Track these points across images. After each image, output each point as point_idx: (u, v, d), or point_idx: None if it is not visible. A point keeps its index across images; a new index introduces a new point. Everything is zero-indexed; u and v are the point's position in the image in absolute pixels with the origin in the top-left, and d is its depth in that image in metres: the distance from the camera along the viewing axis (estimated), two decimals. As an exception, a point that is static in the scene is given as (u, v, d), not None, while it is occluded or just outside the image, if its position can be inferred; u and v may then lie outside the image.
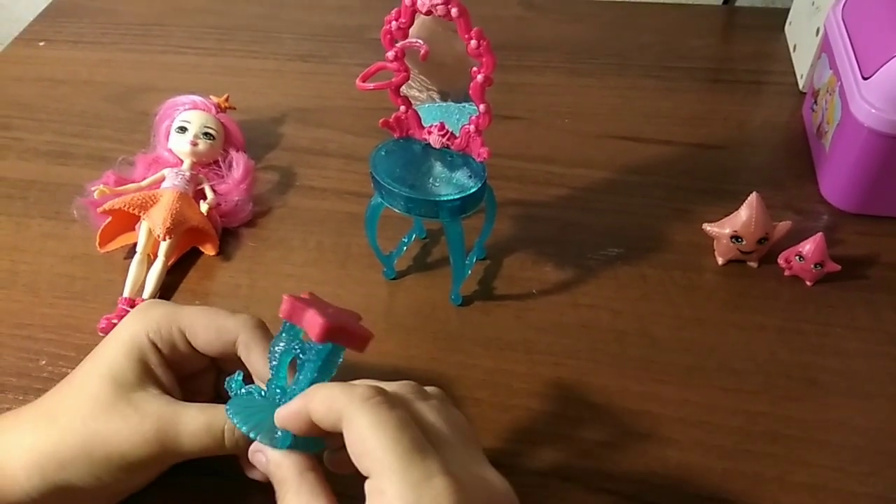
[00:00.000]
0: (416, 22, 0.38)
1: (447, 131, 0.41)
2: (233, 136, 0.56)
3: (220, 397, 0.37)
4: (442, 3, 0.35)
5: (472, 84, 0.38)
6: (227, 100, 0.56)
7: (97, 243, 0.49)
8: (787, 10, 0.67)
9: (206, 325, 0.34)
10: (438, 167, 0.41)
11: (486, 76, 0.37)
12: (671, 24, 0.70)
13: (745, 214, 0.45)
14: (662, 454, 0.39)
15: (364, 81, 0.38)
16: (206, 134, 0.53)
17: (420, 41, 0.38)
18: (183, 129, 0.53)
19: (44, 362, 0.44)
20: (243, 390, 0.33)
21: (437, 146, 0.41)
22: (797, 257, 0.45)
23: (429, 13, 0.36)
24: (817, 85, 0.54)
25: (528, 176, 0.55)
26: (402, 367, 0.43)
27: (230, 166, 0.53)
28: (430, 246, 0.51)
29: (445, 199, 0.40)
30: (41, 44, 0.71)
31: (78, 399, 0.33)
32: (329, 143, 0.59)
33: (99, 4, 0.76)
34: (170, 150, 0.53)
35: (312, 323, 0.29)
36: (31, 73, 0.68)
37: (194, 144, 0.53)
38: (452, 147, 0.41)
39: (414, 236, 0.50)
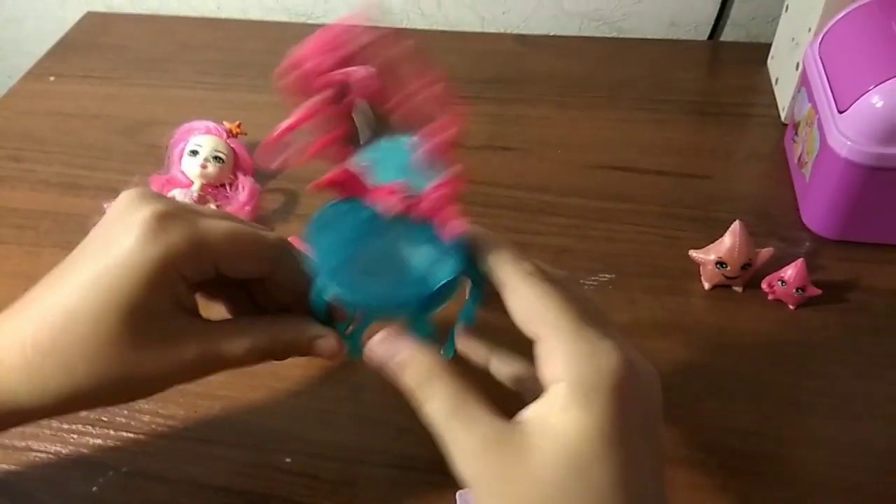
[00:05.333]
0: None
1: (404, 194, 0.32)
2: (241, 160, 0.59)
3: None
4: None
5: (438, 143, 0.30)
6: (238, 126, 0.59)
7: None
8: (770, 45, 0.70)
9: (240, 254, 0.32)
10: (397, 244, 0.32)
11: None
12: (658, 58, 0.73)
13: (728, 241, 0.47)
14: (653, 471, 0.40)
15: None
16: (215, 157, 0.56)
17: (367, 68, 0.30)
18: (194, 153, 0.56)
19: (56, 386, 0.46)
20: None
21: (392, 214, 0.32)
22: (780, 282, 0.47)
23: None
24: (797, 117, 0.57)
25: (523, 205, 0.58)
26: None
27: (237, 189, 0.56)
28: None
29: (403, 298, 0.30)
30: (51, 79, 0.74)
31: (98, 343, 0.30)
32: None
33: (108, 41, 0.79)
34: (182, 172, 0.57)
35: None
36: (41, 107, 0.70)
37: (204, 167, 0.56)
38: (415, 211, 0.32)
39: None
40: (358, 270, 0.31)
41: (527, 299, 0.28)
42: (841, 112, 0.48)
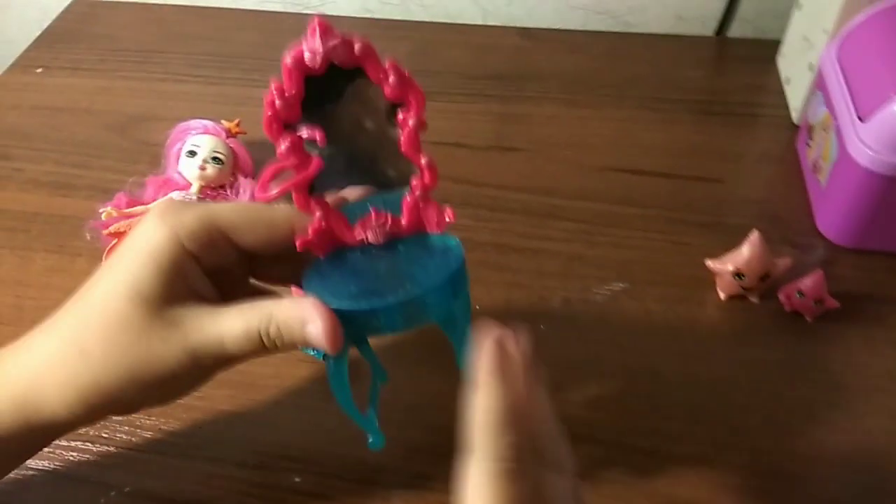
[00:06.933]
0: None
1: (385, 216, 0.32)
2: (241, 161, 0.56)
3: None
4: (339, 42, 0.28)
5: (402, 135, 0.30)
6: (238, 124, 0.57)
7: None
8: (779, 42, 0.69)
9: (252, 223, 0.32)
10: (394, 267, 0.31)
11: (418, 117, 0.30)
12: (665, 54, 0.72)
13: (746, 252, 0.46)
14: (672, 492, 0.40)
15: (265, 190, 0.31)
16: (214, 158, 0.54)
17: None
18: (192, 154, 0.54)
19: (53, 401, 0.44)
20: None
21: (381, 241, 0.32)
22: (797, 293, 0.46)
23: (325, 62, 0.29)
24: (812, 120, 0.56)
25: (532, 208, 0.56)
26: (414, 402, 0.44)
27: (237, 192, 0.54)
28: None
29: (429, 285, 0.30)
30: (38, 70, 0.71)
31: (108, 327, 0.31)
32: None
33: (96, 30, 0.76)
34: (179, 173, 0.54)
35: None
36: (29, 101, 0.67)
37: (202, 169, 0.54)
38: (401, 232, 0.32)
39: (378, 383, 0.39)
40: (374, 296, 0.30)
41: (475, 488, 0.26)
42: (862, 120, 0.47)
